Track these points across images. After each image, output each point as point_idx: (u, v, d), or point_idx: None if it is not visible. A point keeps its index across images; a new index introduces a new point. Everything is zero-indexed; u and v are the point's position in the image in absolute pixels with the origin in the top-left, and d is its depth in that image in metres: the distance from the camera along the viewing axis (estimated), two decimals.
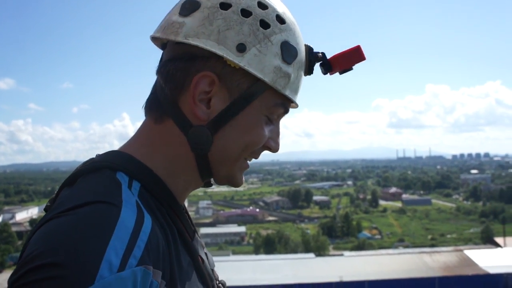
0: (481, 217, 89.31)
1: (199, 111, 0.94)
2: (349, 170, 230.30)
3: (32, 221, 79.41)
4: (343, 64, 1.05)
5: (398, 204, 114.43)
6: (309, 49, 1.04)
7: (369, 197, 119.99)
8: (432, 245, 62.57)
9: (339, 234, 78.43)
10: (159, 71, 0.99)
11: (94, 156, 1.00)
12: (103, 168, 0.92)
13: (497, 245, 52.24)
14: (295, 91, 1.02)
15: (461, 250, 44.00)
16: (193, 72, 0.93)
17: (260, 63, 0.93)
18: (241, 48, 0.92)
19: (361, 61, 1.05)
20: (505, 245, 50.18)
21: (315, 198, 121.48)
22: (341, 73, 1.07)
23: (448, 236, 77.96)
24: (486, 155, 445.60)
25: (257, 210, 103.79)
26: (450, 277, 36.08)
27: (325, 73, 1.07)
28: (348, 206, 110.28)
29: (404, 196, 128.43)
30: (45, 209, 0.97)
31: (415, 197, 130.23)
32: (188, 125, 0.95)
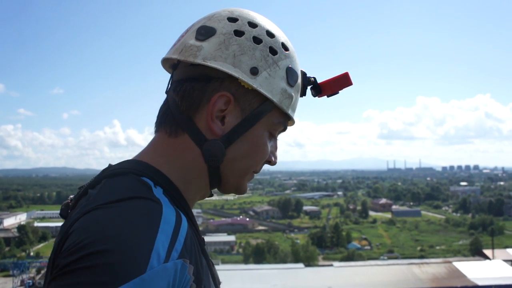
0: (470, 229, 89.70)
1: (215, 127, 1.02)
2: (339, 181, 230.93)
3: (20, 227, 78.64)
4: (332, 89, 1.17)
5: (388, 215, 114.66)
6: (303, 74, 1.16)
7: (359, 207, 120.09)
8: (421, 257, 62.75)
9: (328, 245, 78.42)
10: (175, 90, 1.06)
11: (84, 162, 1.16)
12: (128, 173, 0.98)
13: (485, 257, 52.45)
14: (294, 110, 1.14)
15: (450, 262, 44.14)
16: (209, 92, 1.02)
17: (270, 85, 1.04)
18: (254, 71, 1.02)
19: (348, 86, 1.17)
20: (493, 257, 50.40)
21: (305, 208, 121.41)
22: (328, 96, 1.19)
23: (437, 247, 78.15)
24: (476, 167, 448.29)
25: (247, 219, 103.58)
26: None
27: (315, 96, 1.19)
28: (338, 217, 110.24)
29: (394, 207, 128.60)
30: (61, 214, 1.05)
31: (405, 208, 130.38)
32: (203, 139, 1.03)
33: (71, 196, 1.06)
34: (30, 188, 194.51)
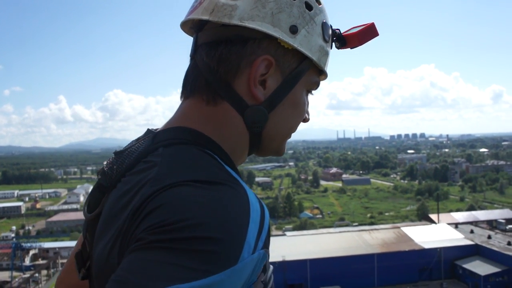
0: (417, 195, 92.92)
1: (258, 93, 0.96)
2: (290, 151, 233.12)
3: None
4: (359, 40, 1.08)
5: (339, 184, 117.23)
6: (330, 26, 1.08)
7: (310, 177, 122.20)
8: (371, 223, 64.48)
9: (281, 215, 79.49)
10: (208, 54, 0.97)
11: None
12: (186, 143, 0.92)
13: (431, 221, 54.37)
14: (327, 66, 1.08)
15: (398, 227, 45.59)
16: (248, 55, 0.95)
17: (309, 43, 0.98)
18: (293, 30, 0.95)
19: (375, 37, 1.09)
20: (438, 221, 52.28)
21: (257, 179, 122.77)
22: (351, 48, 1.11)
23: (386, 214, 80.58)
24: (422, 135, 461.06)
25: None
26: (388, 253, 37.33)
27: (339, 48, 1.11)
28: (290, 187, 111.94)
29: (344, 176, 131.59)
30: (100, 182, 0.98)
31: (355, 177, 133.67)
32: (244, 105, 0.96)
33: (106, 162, 1.01)
34: None
